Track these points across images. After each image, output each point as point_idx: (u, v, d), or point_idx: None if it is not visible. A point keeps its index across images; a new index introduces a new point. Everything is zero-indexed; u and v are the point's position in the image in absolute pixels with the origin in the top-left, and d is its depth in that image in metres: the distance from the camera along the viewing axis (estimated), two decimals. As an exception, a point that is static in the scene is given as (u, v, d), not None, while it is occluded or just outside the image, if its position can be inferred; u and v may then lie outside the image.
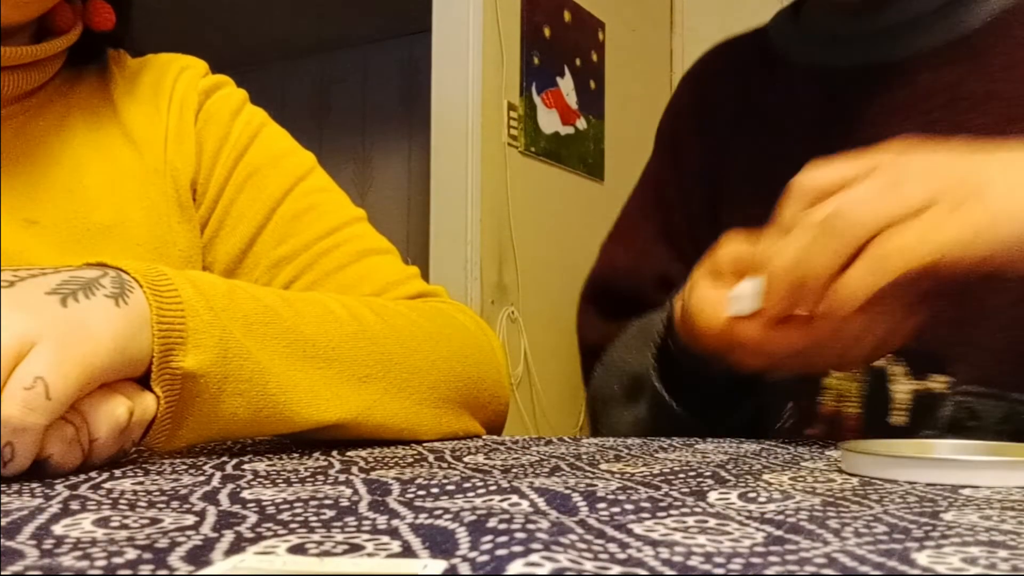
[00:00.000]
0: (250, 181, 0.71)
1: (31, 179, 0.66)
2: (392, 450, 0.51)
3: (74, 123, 0.69)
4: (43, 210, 0.65)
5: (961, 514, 0.31)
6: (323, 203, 0.71)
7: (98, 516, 0.30)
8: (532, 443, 0.56)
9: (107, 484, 0.37)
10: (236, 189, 0.71)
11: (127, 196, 0.68)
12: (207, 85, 0.75)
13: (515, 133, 2.52)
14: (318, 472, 0.42)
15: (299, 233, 0.70)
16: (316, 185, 0.72)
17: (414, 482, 0.37)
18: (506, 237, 2.50)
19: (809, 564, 0.23)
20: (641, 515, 0.30)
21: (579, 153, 2.75)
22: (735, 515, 0.30)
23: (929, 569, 0.23)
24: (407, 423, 0.55)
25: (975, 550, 0.25)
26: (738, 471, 0.42)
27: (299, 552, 0.24)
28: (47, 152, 0.67)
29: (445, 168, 2.46)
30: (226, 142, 0.72)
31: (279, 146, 0.74)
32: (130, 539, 0.26)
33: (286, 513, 0.31)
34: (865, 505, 0.33)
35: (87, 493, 0.35)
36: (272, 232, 0.69)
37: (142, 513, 0.30)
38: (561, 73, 2.68)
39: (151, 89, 0.73)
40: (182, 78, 0.74)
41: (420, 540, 0.26)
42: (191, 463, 0.45)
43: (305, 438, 0.53)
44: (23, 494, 0.35)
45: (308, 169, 0.73)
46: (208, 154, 0.71)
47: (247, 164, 0.71)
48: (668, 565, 0.23)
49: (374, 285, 0.67)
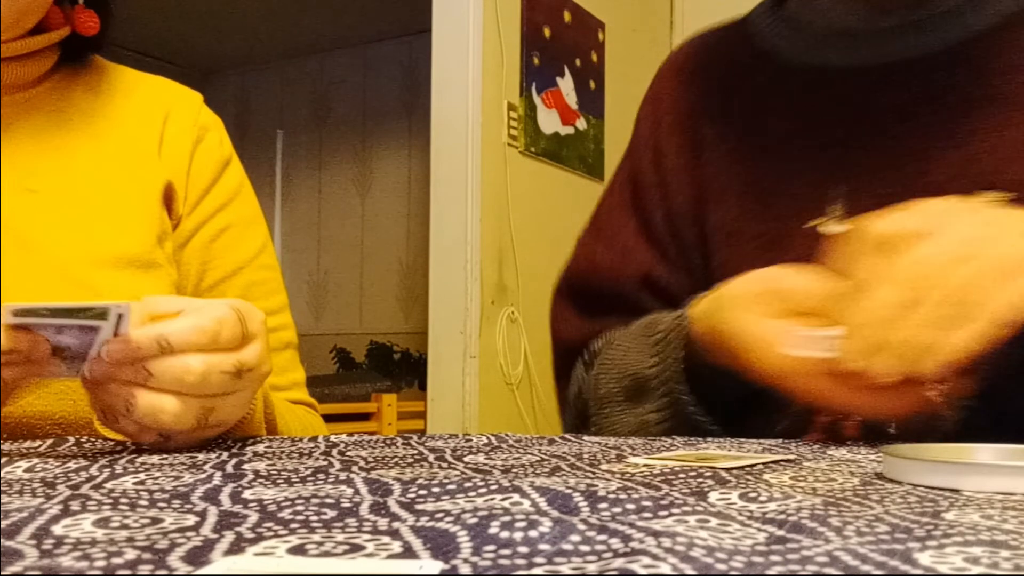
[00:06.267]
0: (227, 232, 0.80)
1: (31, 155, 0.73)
2: (392, 450, 0.51)
3: (70, 116, 0.76)
4: (41, 182, 0.72)
5: (963, 514, 0.31)
6: (271, 280, 0.83)
7: (98, 516, 0.30)
8: (533, 443, 0.56)
9: (108, 484, 0.37)
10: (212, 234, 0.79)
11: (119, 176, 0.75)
12: (206, 120, 0.82)
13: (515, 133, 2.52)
14: (319, 472, 0.41)
15: (252, 302, 0.79)
16: (269, 262, 0.83)
17: (415, 482, 0.37)
18: (506, 237, 2.50)
19: (811, 563, 0.23)
20: (643, 515, 0.30)
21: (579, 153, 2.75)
22: (736, 515, 0.30)
23: (931, 569, 0.23)
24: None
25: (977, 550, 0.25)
26: (739, 471, 0.42)
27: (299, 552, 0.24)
28: (45, 137, 0.74)
29: (445, 168, 2.46)
30: (215, 185, 0.80)
31: (254, 210, 0.84)
32: (130, 539, 0.26)
33: (287, 512, 0.31)
34: (866, 505, 0.33)
35: (88, 492, 0.35)
36: (231, 287, 0.79)
37: (143, 513, 0.30)
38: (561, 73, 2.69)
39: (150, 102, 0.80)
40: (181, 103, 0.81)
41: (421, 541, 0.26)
42: (191, 463, 0.45)
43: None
44: (24, 494, 0.34)
45: (266, 240, 0.84)
46: (195, 186, 0.79)
47: (227, 215, 0.80)
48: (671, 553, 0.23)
49: (286, 379, 0.80)
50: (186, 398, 0.51)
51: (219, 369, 0.52)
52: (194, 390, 0.51)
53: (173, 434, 0.52)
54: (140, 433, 0.52)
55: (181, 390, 0.51)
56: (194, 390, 0.51)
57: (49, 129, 0.74)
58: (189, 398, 0.51)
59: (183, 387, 0.51)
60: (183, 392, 0.51)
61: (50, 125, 0.75)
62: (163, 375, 0.50)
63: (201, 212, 0.78)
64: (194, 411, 0.52)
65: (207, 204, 0.79)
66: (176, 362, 0.51)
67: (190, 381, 0.51)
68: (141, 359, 0.50)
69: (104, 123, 0.77)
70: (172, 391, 0.51)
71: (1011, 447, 0.47)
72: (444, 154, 2.46)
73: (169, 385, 0.50)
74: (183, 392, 0.51)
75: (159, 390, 0.50)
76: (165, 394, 0.51)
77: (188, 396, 0.51)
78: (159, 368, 0.50)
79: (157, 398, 0.50)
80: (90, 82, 0.79)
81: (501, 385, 2.48)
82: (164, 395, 0.51)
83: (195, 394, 0.51)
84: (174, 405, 0.51)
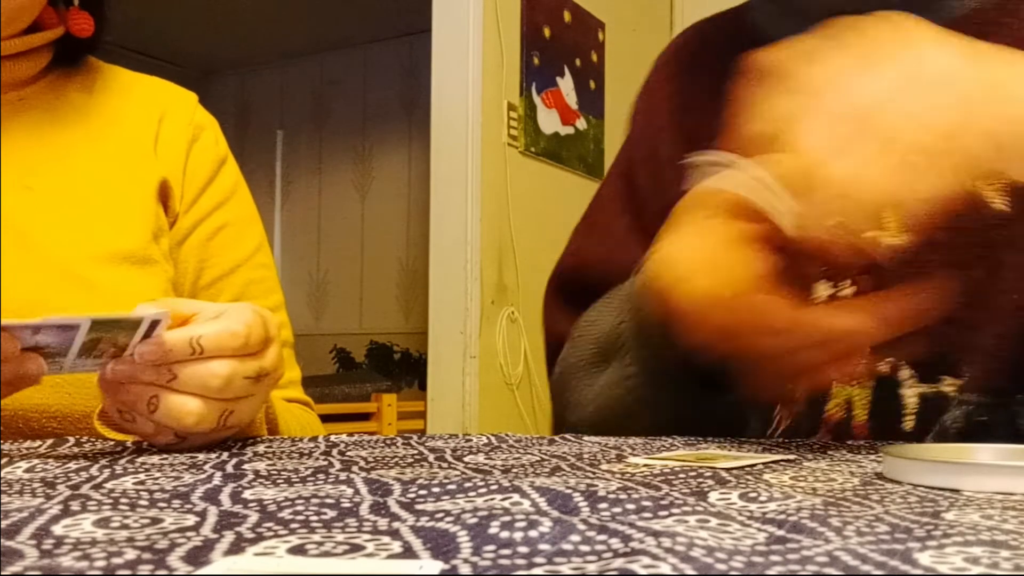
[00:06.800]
0: (224, 231, 0.80)
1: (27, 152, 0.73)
2: (392, 450, 0.51)
3: (66, 114, 0.77)
4: (38, 178, 0.72)
5: (962, 514, 0.31)
6: (268, 279, 0.83)
7: (98, 516, 0.30)
8: (533, 443, 0.56)
9: (108, 484, 0.37)
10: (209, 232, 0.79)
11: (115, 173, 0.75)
12: (201, 120, 0.83)
13: (515, 133, 2.52)
14: (319, 472, 0.41)
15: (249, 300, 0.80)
16: (266, 261, 0.84)
17: (415, 482, 0.37)
18: (506, 237, 2.50)
19: (811, 563, 0.23)
20: (643, 515, 0.30)
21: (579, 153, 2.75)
22: (736, 515, 0.30)
23: (931, 569, 0.23)
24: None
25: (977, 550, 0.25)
26: (739, 471, 0.42)
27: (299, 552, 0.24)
28: (41, 134, 0.75)
29: (445, 168, 2.46)
30: (211, 183, 0.80)
31: (250, 209, 0.85)
32: (130, 539, 0.26)
33: (287, 512, 0.31)
34: (866, 505, 0.33)
35: (88, 492, 0.35)
36: (229, 285, 0.79)
37: (143, 513, 0.30)
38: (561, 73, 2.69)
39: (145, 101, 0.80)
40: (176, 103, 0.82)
41: (421, 541, 0.26)
42: (191, 463, 0.45)
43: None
44: (24, 494, 0.34)
45: (263, 239, 0.84)
46: (191, 184, 0.79)
47: (224, 214, 0.81)
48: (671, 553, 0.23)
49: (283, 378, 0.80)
50: (209, 401, 0.51)
51: (243, 374, 0.52)
52: (217, 394, 0.51)
53: (190, 435, 0.52)
54: (157, 433, 0.52)
55: (205, 394, 0.51)
56: (217, 394, 0.51)
57: (45, 127, 0.75)
58: (212, 400, 0.51)
59: (207, 391, 0.51)
60: (207, 396, 0.51)
61: (45, 123, 0.75)
62: (189, 378, 0.51)
63: (198, 210, 0.79)
64: (216, 413, 0.52)
65: (204, 202, 0.79)
66: (202, 367, 0.51)
67: (215, 385, 0.51)
68: (172, 361, 0.50)
69: (99, 121, 0.77)
70: (196, 394, 0.51)
71: (1011, 447, 0.47)
72: (444, 154, 2.46)
73: (194, 389, 0.51)
74: (207, 396, 0.51)
75: (183, 392, 0.51)
76: (189, 396, 0.51)
77: (211, 399, 0.51)
78: (185, 371, 0.50)
79: (181, 400, 0.51)
80: (85, 82, 0.79)
81: (501, 385, 2.48)
82: (188, 397, 0.51)
83: (218, 398, 0.52)
84: (198, 407, 0.51)
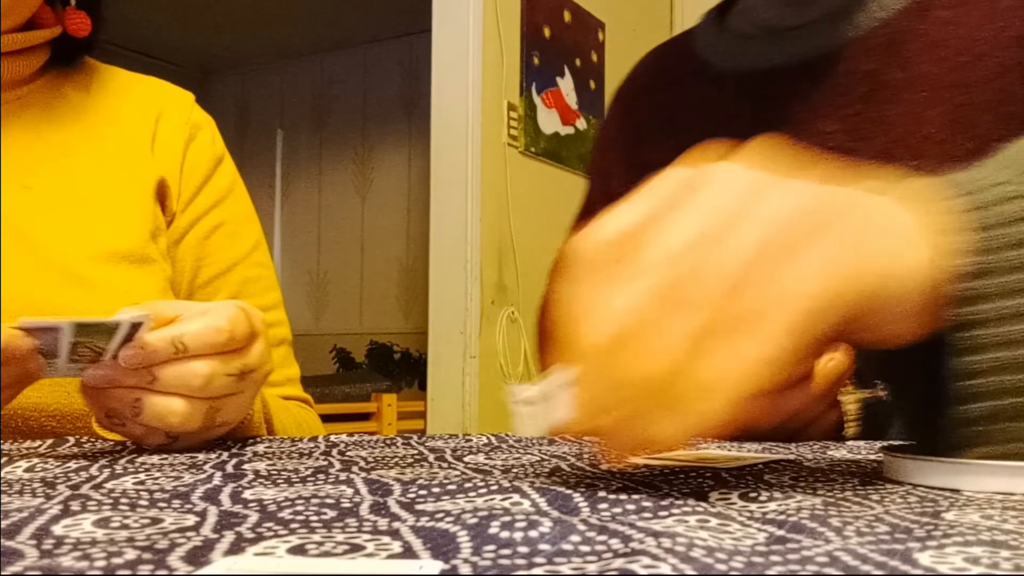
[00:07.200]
0: (221, 229, 0.81)
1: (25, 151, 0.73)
2: (392, 450, 0.51)
3: (63, 113, 0.77)
4: (36, 177, 0.73)
5: (963, 514, 0.31)
6: (265, 278, 0.83)
7: (98, 516, 0.30)
8: (533, 443, 0.56)
9: (108, 484, 0.37)
10: (206, 231, 0.80)
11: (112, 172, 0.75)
12: (198, 119, 0.83)
13: (515, 133, 2.52)
14: (319, 472, 0.41)
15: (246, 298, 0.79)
16: (263, 259, 0.84)
17: (415, 482, 0.37)
18: (506, 237, 2.50)
19: (811, 563, 0.23)
20: (643, 515, 0.30)
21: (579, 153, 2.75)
22: (736, 515, 0.30)
23: (931, 569, 0.23)
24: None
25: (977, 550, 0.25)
26: (739, 471, 0.42)
27: (299, 552, 0.24)
28: (38, 133, 0.75)
29: (445, 168, 2.46)
30: (208, 182, 0.81)
31: (247, 208, 0.85)
32: (130, 539, 0.26)
33: (287, 512, 0.31)
34: (866, 505, 0.33)
35: (88, 492, 0.35)
36: (226, 283, 0.80)
37: (143, 513, 0.30)
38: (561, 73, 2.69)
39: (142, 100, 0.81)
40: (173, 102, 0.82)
41: (421, 541, 0.26)
42: (191, 463, 0.45)
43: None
44: (24, 494, 0.34)
45: (260, 238, 0.85)
46: (188, 183, 0.79)
47: (221, 212, 0.81)
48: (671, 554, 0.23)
49: (280, 376, 0.80)
50: (193, 400, 0.51)
51: (224, 372, 0.52)
52: (200, 393, 0.51)
53: (181, 435, 0.52)
54: (147, 436, 0.52)
55: (188, 393, 0.51)
56: (200, 393, 0.51)
57: (42, 126, 0.75)
58: (196, 400, 0.51)
59: (189, 390, 0.51)
60: (189, 395, 0.51)
61: (43, 122, 0.75)
62: (170, 379, 0.50)
63: (195, 209, 0.79)
64: (201, 412, 0.52)
65: (201, 201, 0.79)
66: (182, 366, 0.51)
67: (196, 384, 0.51)
68: (157, 363, 0.50)
69: (97, 120, 0.77)
70: (179, 393, 0.51)
71: None
72: (444, 154, 2.46)
73: (176, 388, 0.51)
74: (189, 395, 0.51)
75: (166, 392, 0.51)
76: (172, 396, 0.51)
77: (194, 398, 0.51)
78: (166, 372, 0.50)
79: (164, 401, 0.50)
80: (82, 81, 0.79)
81: (501, 385, 2.48)
82: (171, 397, 0.51)
83: (201, 396, 0.52)
84: (182, 407, 0.51)
